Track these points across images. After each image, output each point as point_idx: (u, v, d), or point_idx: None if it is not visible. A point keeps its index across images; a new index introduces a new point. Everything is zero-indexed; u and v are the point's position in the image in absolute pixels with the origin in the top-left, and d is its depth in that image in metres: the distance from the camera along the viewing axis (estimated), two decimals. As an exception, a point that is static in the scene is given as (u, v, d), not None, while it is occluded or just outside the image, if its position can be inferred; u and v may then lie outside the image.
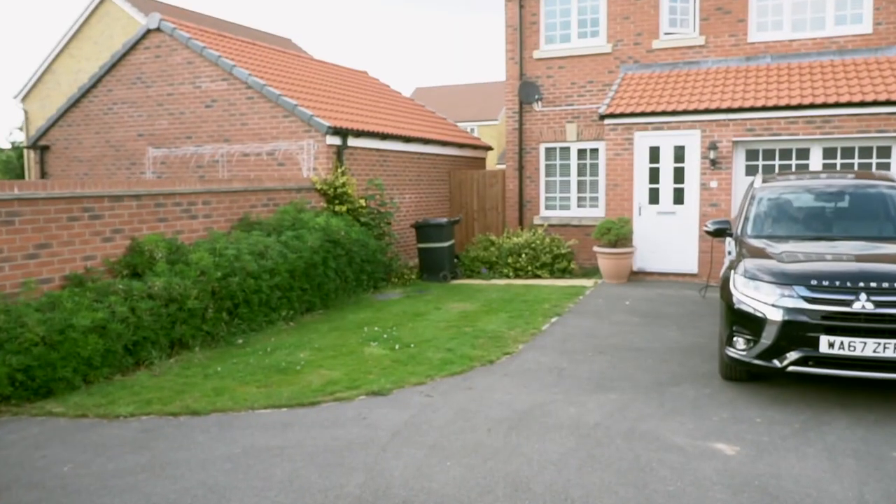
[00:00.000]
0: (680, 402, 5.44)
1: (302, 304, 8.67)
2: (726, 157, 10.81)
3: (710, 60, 12.21)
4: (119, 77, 12.43)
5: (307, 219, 9.23)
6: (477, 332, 7.79)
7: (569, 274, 11.80)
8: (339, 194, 10.57)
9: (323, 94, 12.70)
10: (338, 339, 7.59)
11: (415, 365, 6.55)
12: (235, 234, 8.33)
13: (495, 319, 8.48)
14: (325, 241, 9.08)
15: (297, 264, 8.36)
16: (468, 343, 7.33)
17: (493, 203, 14.34)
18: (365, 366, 6.55)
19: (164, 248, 7.22)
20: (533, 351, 7.09)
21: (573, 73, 13.25)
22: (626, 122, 11.37)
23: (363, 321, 8.49)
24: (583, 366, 6.51)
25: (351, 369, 6.44)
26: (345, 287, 9.59)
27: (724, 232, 6.78)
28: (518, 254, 11.91)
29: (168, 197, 7.86)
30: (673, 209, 11.19)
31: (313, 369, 6.46)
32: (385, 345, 7.29)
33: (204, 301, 7.09)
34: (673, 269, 11.25)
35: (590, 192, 13.32)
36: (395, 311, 9.11)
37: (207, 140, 11.75)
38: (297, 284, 8.44)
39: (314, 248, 8.77)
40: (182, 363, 6.73)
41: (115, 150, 12.67)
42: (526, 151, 13.69)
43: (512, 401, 5.53)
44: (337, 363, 6.65)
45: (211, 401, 5.58)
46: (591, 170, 13.30)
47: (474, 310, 9.10)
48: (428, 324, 8.30)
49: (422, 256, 11.87)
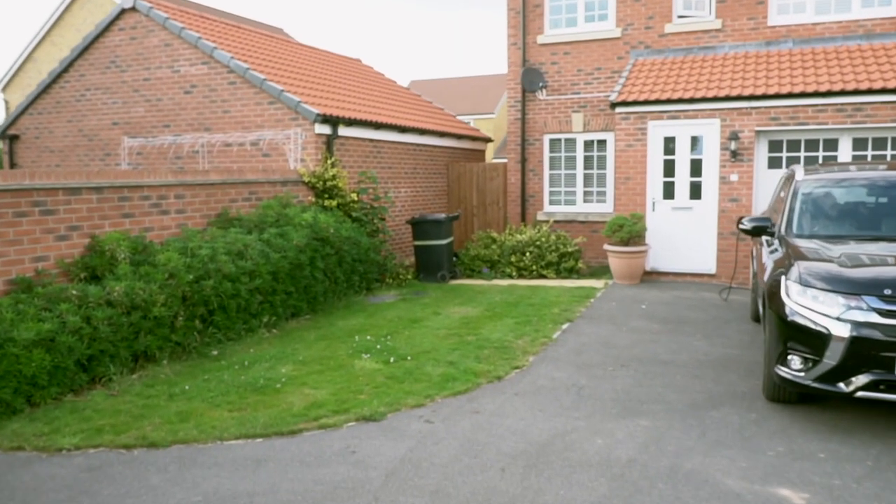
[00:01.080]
0: (724, 430, 4.64)
1: (286, 309, 7.84)
2: (748, 149, 10.00)
3: (727, 45, 11.39)
4: (92, 61, 11.54)
5: (293, 214, 8.39)
6: (481, 342, 6.98)
7: (576, 274, 10.99)
8: (328, 188, 9.73)
9: (312, 81, 11.83)
10: (325, 350, 6.76)
11: (412, 382, 5.73)
12: (211, 231, 7.48)
13: (500, 326, 7.67)
14: (313, 240, 8.25)
15: (280, 265, 7.53)
16: (472, 355, 6.51)
17: (493, 198, 13.52)
18: (355, 383, 5.73)
19: (127, 248, 6.37)
20: (545, 364, 6.28)
21: (580, 59, 12.41)
22: (639, 111, 10.55)
23: (354, 328, 7.67)
24: (604, 383, 5.70)
25: (339, 387, 5.61)
26: (334, 289, 8.76)
27: (764, 230, 5.97)
28: (522, 252, 11.10)
29: (135, 190, 7.01)
30: (689, 204, 10.38)
31: (296, 388, 5.63)
32: (378, 357, 6.46)
33: (173, 308, 6.25)
34: (689, 269, 10.45)
35: (597, 187, 12.50)
36: (390, 316, 8.28)
37: (187, 129, 10.88)
38: (280, 287, 7.60)
39: (300, 247, 7.94)
40: (146, 379, 5.89)
41: (89, 140, 11.78)
42: (529, 143, 12.86)
43: (527, 429, 4.71)
44: (323, 380, 5.82)
45: (173, 429, 4.75)
46: (598, 162, 12.48)
47: (477, 315, 8.28)
48: (426, 331, 7.48)
49: (418, 255, 11.05)
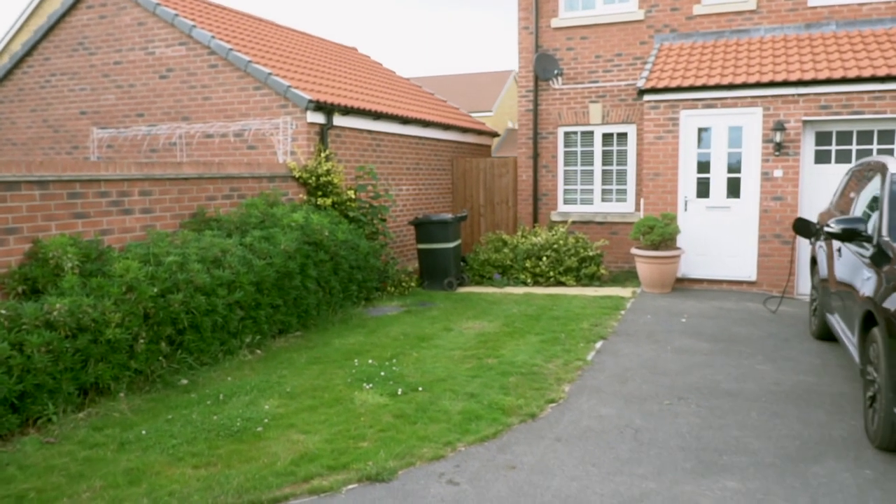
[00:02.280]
0: (839, 496, 3.53)
1: (272, 326, 6.69)
2: (794, 141, 8.91)
3: (763, 28, 10.31)
4: (58, 43, 10.35)
5: (281, 215, 7.25)
6: (504, 366, 5.85)
7: (597, 281, 9.88)
8: (322, 184, 8.59)
9: (304, 66, 10.69)
10: (319, 378, 5.62)
11: (427, 422, 4.60)
12: (184, 234, 6.32)
13: (524, 345, 6.55)
14: (304, 244, 7.11)
15: (265, 274, 6.38)
16: (496, 384, 5.39)
17: (502, 196, 12.40)
18: (356, 424, 4.59)
19: (76, 255, 5.21)
20: (586, 396, 5.16)
21: (598, 44, 11.31)
22: (671, 99, 9.45)
23: (353, 348, 6.53)
24: (664, 423, 4.59)
25: (336, 431, 4.48)
26: (329, 301, 7.61)
27: (857, 234, 4.87)
28: (537, 257, 9.98)
29: (89, 184, 5.84)
30: (726, 203, 9.28)
31: (282, 431, 4.49)
32: (383, 387, 5.33)
33: (132, 328, 5.10)
34: (725, 276, 9.35)
35: (616, 184, 11.40)
36: (394, 332, 7.15)
37: (163, 118, 9.71)
38: (265, 300, 6.45)
39: (289, 253, 6.79)
40: (95, 419, 4.74)
41: (54, 132, 10.60)
42: (542, 136, 11.75)
43: (582, 495, 3.59)
44: (316, 419, 4.69)
45: (117, 497, 3.60)
46: (618, 157, 11.38)
47: (495, 331, 7.15)
48: (438, 353, 6.35)
49: (423, 260, 9.91)
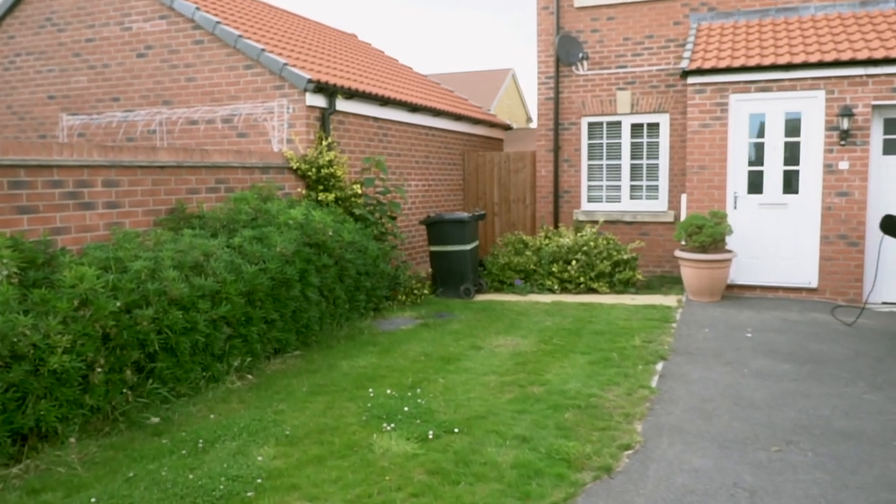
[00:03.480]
0: None
1: (267, 345, 5.54)
2: (862, 129, 7.83)
3: (813, 7, 9.25)
4: (23, 19, 9.17)
5: (276, 211, 6.11)
6: (554, 397, 4.72)
7: (632, 287, 8.77)
8: (324, 177, 7.45)
9: (300, 45, 9.54)
10: (326, 415, 4.48)
11: (472, 481, 3.46)
12: (157, 234, 5.16)
13: (571, 368, 5.42)
14: (305, 245, 5.97)
15: (258, 282, 5.23)
16: (549, 421, 4.26)
17: (519, 193, 11.28)
18: (380, 486, 3.45)
19: (13, 259, 4.05)
20: (667, 439, 4.04)
21: (626, 25, 10.22)
22: (720, 82, 8.35)
23: (365, 373, 5.38)
24: (783, 482, 3.47)
25: (355, 497, 3.33)
26: (333, 313, 6.46)
27: None
28: (566, 260, 8.86)
29: (38, 171, 4.69)
30: (783, 200, 8.19)
31: (281, 497, 3.34)
32: (409, 428, 4.18)
33: (86, 354, 3.95)
34: (781, 283, 8.25)
35: (647, 180, 10.31)
36: (412, 352, 6.00)
37: (140, 102, 8.54)
38: (258, 314, 5.30)
39: (287, 256, 5.65)
40: (32, 477, 3.58)
41: (19, 119, 9.40)
42: (563, 127, 10.64)
43: None
44: (326, 478, 3.54)
45: None
46: (648, 151, 10.29)
47: (531, 349, 6.02)
48: (469, 378, 5.21)
49: (436, 264, 8.78)
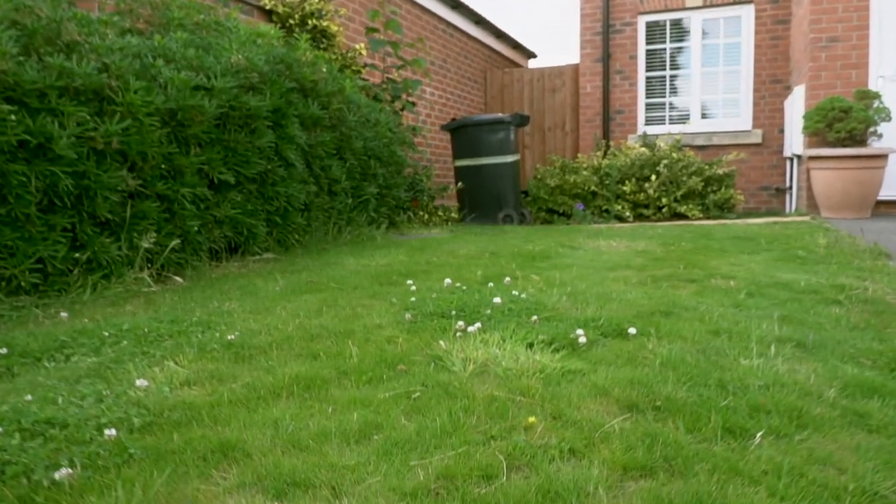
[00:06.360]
0: None
1: (213, 230, 3.13)
2: None
3: None
4: None
5: (233, 27, 3.74)
6: (768, 289, 2.39)
7: (730, 213, 6.48)
8: (310, 31, 5.06)
9: None
10: (323, 315, 2.12)
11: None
12: None
13: (752, 263, 3.08)
14: (280, 77, 3.58)
15: (193, 105, 2.84)
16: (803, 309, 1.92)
17: (556, 118, 8.97)
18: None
19: None
20: None
21: None
22: (856, -80, 6.12)
23: (390, 269, 2.98)
24: None
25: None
26: (329, 208, 4.06)
27: None
28: (640, 178, 6.56)
29: None
30: (947, 82, 5.97)
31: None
32: (522, 328, 1.83)
33: None
34: (946, 196, 6.00)
35: (724, 93, 8.06)
36: (464, 251, 3.56)
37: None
38: (193, 163, 2.91)
39: (249, 79, 3.27)
40: None
41: None
42: (615, 30, 8.38)
43: None
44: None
45: None
46: (726, 56, 8.04)
47: (659, 249, 3.61)
48: (585, 273, 2.83)
49: (465, 184, 6.44)
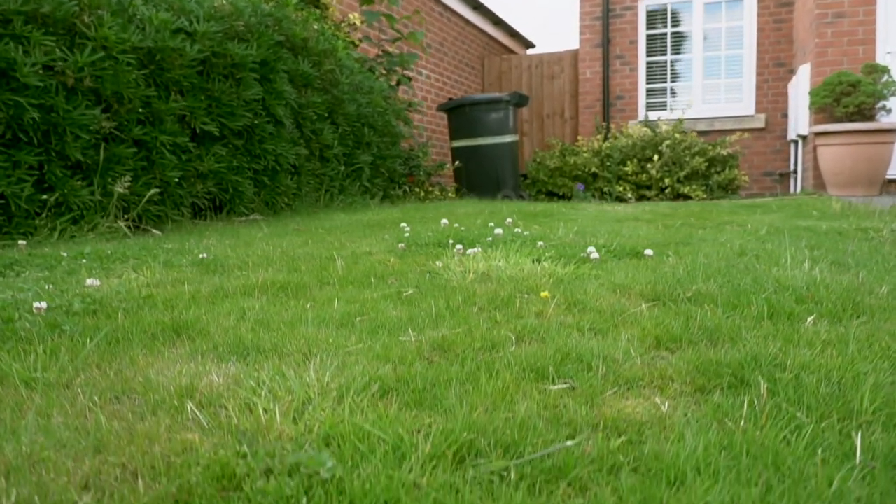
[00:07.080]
0: None
1: (195, 185, 2.96)
2: None
3: None
4: None
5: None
6: (784, 226, 2.23)
7: (734, 194, 6.34)
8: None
9: None
10: (308, 245, 1.96)
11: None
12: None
13: (765, 216, 2.94)
14: (267, 28, 3.43)
15: (173, 48, 2.69)
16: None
17: (554, 105, 8.82)
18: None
19: None
20: None
21: None
22: None
23: (383, 218, 2.84)
24: None
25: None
26: (321, 173, 3.91)
27: None
28: (642, 158, 6.41)
29: None
30: (956, 56, 5.83)
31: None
32: (528, 250, 1.67)
33: None
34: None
35: (726, 77, 7.93)
36: (463, 210, 3.42)
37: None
38: (172, 108, 2.76)
39: (235, 27, 3.13)
40: None
41: None
42: (615, 14, 8.25)
43: None
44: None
45: None
46: (728, 39, 7.91)
47: (668, 211, 3.49)
48: (597, 223, 2.70)
49: (462, 164, 6.29)
